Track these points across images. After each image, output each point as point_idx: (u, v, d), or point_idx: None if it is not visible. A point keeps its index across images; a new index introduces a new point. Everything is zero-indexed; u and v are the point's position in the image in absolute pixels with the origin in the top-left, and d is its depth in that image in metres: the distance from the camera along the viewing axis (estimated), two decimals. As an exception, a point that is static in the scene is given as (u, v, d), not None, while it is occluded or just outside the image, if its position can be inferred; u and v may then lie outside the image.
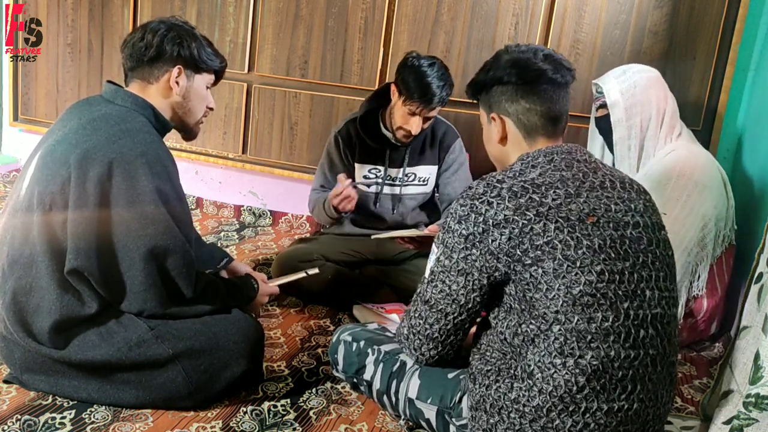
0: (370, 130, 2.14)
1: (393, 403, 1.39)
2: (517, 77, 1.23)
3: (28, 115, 3.33)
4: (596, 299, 1.08)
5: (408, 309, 1.32)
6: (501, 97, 1.26)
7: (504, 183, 1.16)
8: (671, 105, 2.01)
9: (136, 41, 1.45)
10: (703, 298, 1.91)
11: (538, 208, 1.11)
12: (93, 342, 1.35)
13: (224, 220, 3.05)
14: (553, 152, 1.21)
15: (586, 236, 1.10)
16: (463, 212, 1.16)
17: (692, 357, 1.96)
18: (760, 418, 1.17)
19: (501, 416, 1.14)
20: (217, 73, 1.56)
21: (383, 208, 2.24)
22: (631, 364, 1.09)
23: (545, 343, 1.10)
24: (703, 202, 1.86)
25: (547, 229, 1.10)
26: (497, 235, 1.12)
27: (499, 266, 1.13)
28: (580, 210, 1.12)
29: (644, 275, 1.13)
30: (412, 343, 1.30)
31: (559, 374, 1.08)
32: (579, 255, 1.09)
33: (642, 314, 1.11)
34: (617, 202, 1.16)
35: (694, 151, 1.96)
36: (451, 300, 1.20)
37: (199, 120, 1.57)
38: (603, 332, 1.08)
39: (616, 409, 1.09)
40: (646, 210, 1.19)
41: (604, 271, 1.09)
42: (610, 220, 1.13)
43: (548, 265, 1.09)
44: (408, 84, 1.93)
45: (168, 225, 1.37)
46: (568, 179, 1.16)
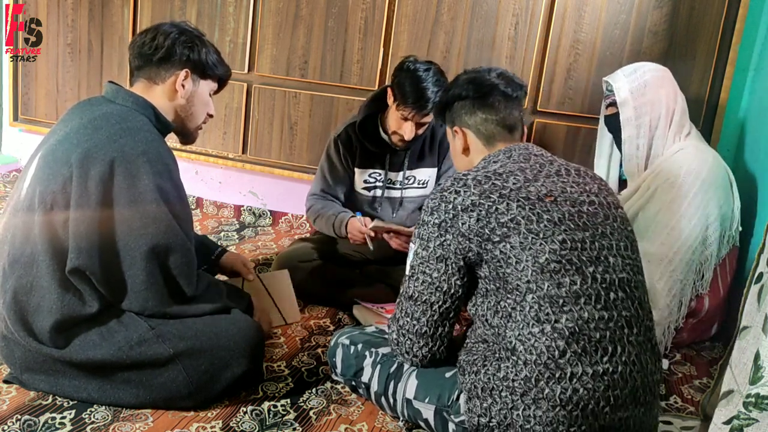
0: (370, 134, 2.13)
1: (391, 404, 1.40)
2: (473, 91, 1.40)
3: (28, 115, 3.33)
4: (562, 265, 1.17)
5: (393, 313, 1.36)
6: (461, 111, 1.42)
7: (468, 175, 1.28)
8: (681, 104, 2.01)
9: (146, 41, 1.47)
10: (704, 297, 1.91)
11: (500, 191, 1.23)
12: (94, 341, 1.35)
13: (224, 220, 3.05)
14: (511, 149, 1.35)
15: (545, 212, 1.21)
16: (434, 204, 1.28)
17: (692, 357, 1.96)
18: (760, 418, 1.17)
19: (493, 397, 1.18)
20: (221, 81, 1.59)
21: (383, 212, 2.24)
22: (606, 325, 1.16)
23: (521, 314, 1.17)
24: (709, 202, 1.86)
25: (510, 207, 1.20)
26: (466, 218, 1.22)
27: (472, 246, 1.23)
28: (538, 191, 1.23)
29: (605, 244, 1.22)
30: (403, 345, 1.33)
31: (539, 342, 1.14)
32: (541, 228, 1.19)
33: (609, 278, 1.19)
34: (572, 185, 1.27)
35: (703, 150, 1.96)
36: (434, 288, 1.27)
37: (199, 125, 1.58)
38: (573, 295, 1.16)
39: (601, 372, 1.14)
40: (600, 191, 1.29)
41: (566, 240, 1.19)
42: (567, 198, 1.24)
43: (515, 239, 1.18)
44: (403, 89, 1.92)
45: (169, 223, 1.37)
46: (526, 168, 1.29)
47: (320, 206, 2.18)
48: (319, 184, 2.23)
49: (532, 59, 2.56)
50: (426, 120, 1.98)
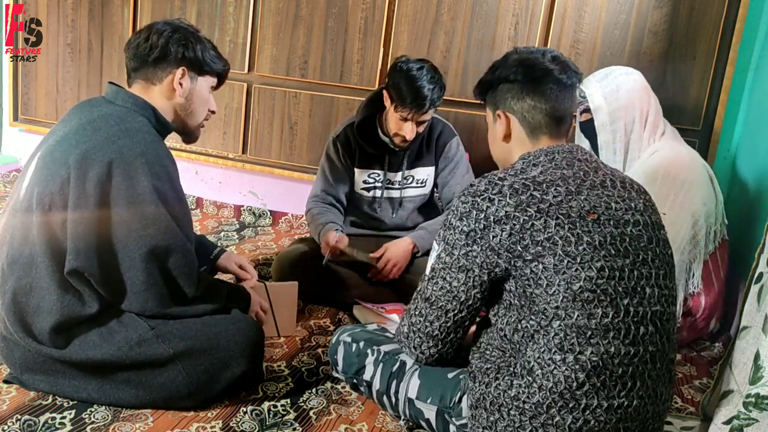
0: (368, 136, 2.14)
1: (393, 403, 1.39)
2: (523, 75, 1.25)
3: (28, 115, 3.33)
4: (596, 295, 1.09)
5: (408, 308, 1.33)
6: (507, 94, 1.28)
7: (505, 180, 1.17)
8: (654, 105, 2.01)
9: (141, 42, 1.45)
10: (700, 295, 1.91)
11: (539, 204, 1.12)
12: (94, 341, 1.35)
13: (224, 220, 3.05)
14: (555, 151, 1.22)
15: (586, 233, 1.11)
16: (464, 209, 1.17)
17: (692, 357, 1.96)
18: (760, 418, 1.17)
19: (501, 413, 1.14)
20: (220, 76, 1.57)
21: (383, 212, 2.24)
22: (630, 360, 1.10)
23: (545, 339, 1.10)
24: (691, 200, 1.86)
25: (548, 225, 1.11)
26: (498, 231, 1.13)
27: (500, 262, 1.14)
28: (581, 207, 1.13)
29: (644, 273, 1.13)
30: (412, 341, 1.31)
31: (558, 370, 1.08)
32: (579, 251, 1.10)
33: (642, 311, 1.12)
34: (617, 201, 1.17)
35: (678, 149, 1.96)
36: (451, 297, 1.20)
37: (201, 123, 1.57)
38: (603, 328, 1.09)
39: (616, 405, 1.09)
40: (645, 209, 1.20)
41: (605, 268, 1.10)
42: (611, 217, 1.14)
43: (548, 260, 1.10)
44: (399, 90, 1.93)
45: (169, 225, 1.37)
46: (569, 177, 1.17)
47: (316, 211, 2.18)
48: (320, 185, 2.22)
49: (532, 59, 2.56)
50: (425, 118, 1.99)
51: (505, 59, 1.31)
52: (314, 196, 2.23)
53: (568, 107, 1.27)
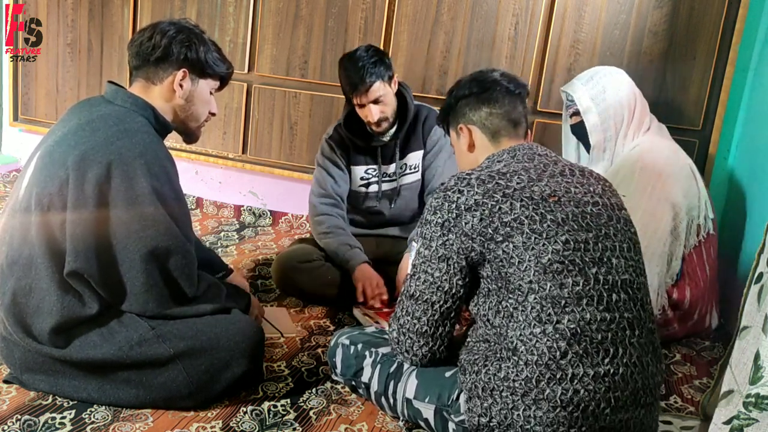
0: (356, 130, 2.17)
1: (391, 404, 1.40)
2: (477, 88, 1.41)
3: (28, 115, 3.33)
4: (565, 266, 1.17)
5: (395, 311, 1.36)
6: (465, 108, 1.43)
7: (472, 174, 1.28)
8: (639, 101, 2.04)
9: (144, 40, 1.45)
10: (685, 287, 1.91)
11: (504, 190, 1.22)
12: (94, 341, 1.35)
13: (224, 220, 3.05)
14: (516, 149, 1.34)
15: (549, 212, 1.20)
16: (437, 203, 1.27)
17: (692, 357, 1.96)
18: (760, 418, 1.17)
19: (494, 397, 1.18)
20: (222, 79, 1.56)
21: (382, 205, 2.25)
22: (608, 326, 1.16)
23: (523, 314, 1.16)
24: (669, 191, 1.88)
25: (514, 207, 1.20)
26: (470, 218, 1.22)
27: (475, 246, 1.22)
28: (542, 191, 1.23)
29: (608, 245, 1.22)
30: (403, 344, 1.33)
31: (540, 342, 1.14)
32: (544, 228, 1.18)
33: (611, 279, 1.19)
34: (576, 186, 1.27)
35: (658, 143, 1.99)
36: (435, 288, 1.27)
37: (201, 124, 1.56)
38: (575, 296, 1.16)
39: (602, 373, 1.14)
40: (604, 192, 1.29)
41: (569, 240, 1.18)
42: (571, 199, 1.24)
43: (517, 239, 1.18)
44: (343, 85, 2.04)
45: (168, 226, 1.37)
46: (530, 168, 1.28)
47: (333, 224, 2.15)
48: (325, 183, 2.19)
49: (532, 59, 2.56)
50: (376, 94, 2.01)
51: (458, 82, 1.47)
52: (322, 195, 2.19)
53: (521, 112, 1.41)
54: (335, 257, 2.11)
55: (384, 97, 2.04)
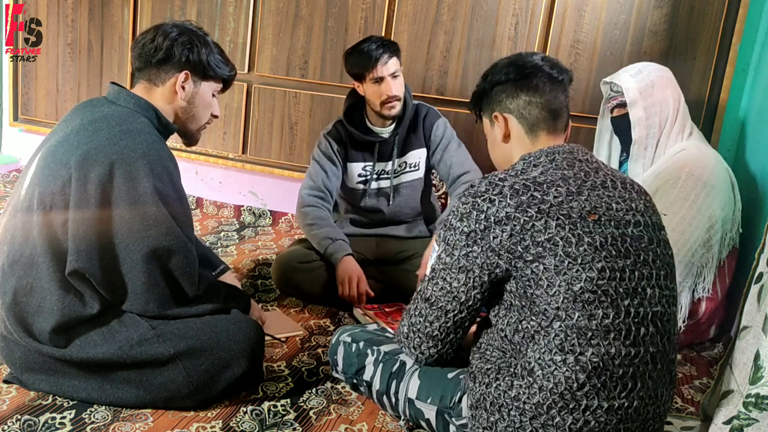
0: (357, 123, 2.18)
1: (393, 403, 1.39)
2: (515, 73, 1.28)
3: (28, 115, 3.33)
4: (597, 296, 1.09)
5: (408, 308, 1.33)
6: (501, 95, 1.30)
7: (506, 181, 1.17)
8: (682, 104, 2.01)
9: (146, 42, 1.45)
10: (702, 300, 1.90)
11: (539, 205, 1.12)
12: (95, 341, 1.35)
13: (224, 220, 3.05)
14: (555, 152, 1.22)
15: (587, 233, 1.11)
16: (465, 210, 1.18)
17: (692, 357, 1.96)
18: (760, 418, 1.17)
19: (501, 414, 1.14)
20: (225, 82, 1.56)
21: (380, 202, 2.25)
22: (631, 361, 1.10)
23: (545, 339, 1.10)
24: (710, 203, 1.85)
25: (549, 225, 1.11)
26: (499, 232, 1.13)
27: (500, 263, 1.14)
28: (582, 208, 1.13)
29: (645, 273, 1.13)
30: (412, 341, 1.31)
31: (559, 371, 1.09)
32: (580, 252, 1.10)
33: (642, 312, 1.12)
34: (618, 201, 1.17)
35: (705, 151, 1.95)
36: (451, 297, 1.21)
37: (202, 126, 1.56)
38: (603, 329, 1.09)
39: (616, 406, 1.09)
40: (646, 210, 1.20)
41: (605, 269, 1.10)
42: (611, 218, 1.14)
43: (549, 261, 1.10)
44: (357, 62, 2.04)
45: (170, 226, 1.37)
46: (570, 178, 1.17)
47: (317, 215, 2.15)
48: (314, 175, 2.19)
49: (532, 59, 2.56)
50: (393, 67, 2.04)
51: (494, 66, 1.34)
52: (310, 188, 2.19)
53: (562, 102, 1.29)
54: (319, 250, 2.11)
55: (399, 75, 2.07)
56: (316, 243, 2.12)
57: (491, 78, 1.32)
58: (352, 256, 2.06)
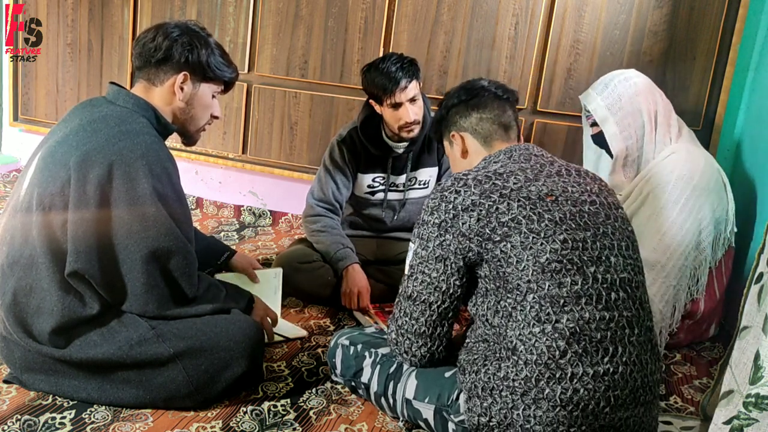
0: (372, 136, 2.13)
1: (391, 404, 1.40)
2: (465, 95, 1.45)
3: (28, 115, 3.33)
4: (563, 265, 1.17)
5: (392, 312, 1.36)
6: (456, 116, 1.45)
7: (469, 175, 1.29)
8: (662, 103, 1.97)
9: (147, 41, 1.44)
10: (700, 300, 1.90)
11: (501, 190, 1.23)
12: (94, 341, 1.35)
13: (224, 220, 3.05)
14: (512, 149, 1.35)
15: (546, 211, 1.21)
16: (434, 204, 1.28)
17: (692, 357, 1.96)
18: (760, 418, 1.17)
19: (493, 397, 1.18)
20: (226, 83, 1.55)
21: (386, 214, 2.25)
22: (607, 325, 1.16)
23: (522, 314, 1.17)
24: (701, 206, 1.85)
25: (511, 207, 1.21)
26: (467, 218, 1.23)
27: (472, 246, 1.22)
28: (539, 191, 1.24)
29: (606, 243, 1.22)
30: (402, 345, 1.33)
31: (539, 342, 1.14)
32: (542, 227, 1.19)
33: (610, 278, 1.19)
34: (573, 185, 1.28)
35: (694, 153, 1.94)
36: (432, 288, 1.27)
37: (201, 127, 1.56)
38: (574, 295, 1.16)
39: (601, 372, 1.14)
40: (601, 192, 1.30)
41: (567, 240, 1.19)
42: (568, 198, 1.24)
43: (515, 239, 1.19)
44: (377, 84, 1.97)
45: (169, 227, 1.36)
46: (527, 168, 1.29)
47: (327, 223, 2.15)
48: (327, 187, 2.18)
49: (532, 59, 2.56)
50: (413, 92, 1.99)
51: (446, 93, 1.51)
52: (321, 200, 2.18)
53: (510, 116, 1.43)
54: (326, 255, 2.10)
55: (418, 98, 2.02)
56: (323, 247, 2.12)
57: (445, 103, 1.48)
58: (359, 265, 2.06)
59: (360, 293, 2.00)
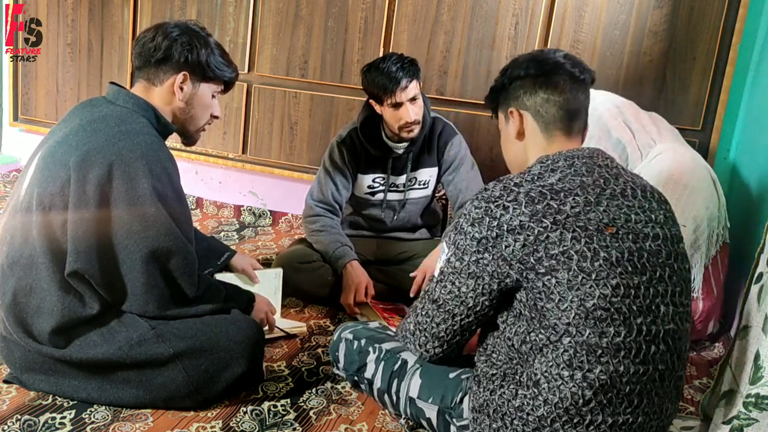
0: (372, 137, 2.13)
1: (394, 402, 1.39)
2: (535, 69, 1.23)
3: (28, 115, 3.33)
4: (610, 314, 1.06)
5: (415, 305, 1.32)
6: (519, 91, 1.25)
7: (521, 187, 1.13)
8: (627, 110, 1.95)
9: (147, 41, 1.44)
10: (698, 299, 1.90)
11: (555, 215, 1.08)
12: (94, 341, 1.35)
13: (224, 220, 3.05)
14: (574, 156, 1.17)
15: (603, 248, 1.07)
16: (477, 215, 1.14)
17: (692, 357, 1.96)
18: (760, 418, 1.17)
19: (504, 422, 1.13)
20: (226, 83, 1.55)
21: (386, 214, 2.25)
22: (639, 379, 1.08)
23: (554, 354, 1.08)
24: (693, 204, 1.86)
25: (564, 238, 1.07)
26: (511, 241, 1.10)
27: (511, 273, 1.11)
28: (599, 219, 1.09)
29: (660, 290, 1.10)
30: (417, 339, 1.30)
31: (565, 386, 1.07)
32: (595, 267, 1.06)
33: (655, 330, 1.09)
34: (638, 212, 1.13)
35: (681, 152, 1.95)
36: (459, 302, 1.18)
37: (201, 127, 1.55)
38: (614, 347, 1.06)
39: (620, 422, 1.08)
40: (666, 221, 1.16)
41: (620, 285, 1.06)
42: (630, 231, 1.10)
43: (562, 275, 1.06)
44: (377, 84, 1.97)
45: (169, 227, 1.36)
46: (589, 185, 1.13)
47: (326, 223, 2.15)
48: (327, 187, 2.17)
49: (532, 59, 2.56)
50: (414, 92, 1.98)
51: (514, 60, 1.29)
52: (320, 201, 2.19)
53: (581, 102, 1.24)
54: (325, 254, 2.10)
55: (418, 98, 2.02)
56: (321, 247, 2.12)
57: (511, 72, 1.27)
58: (357, 262, 2.06)
59: (359, 289, 2.00)
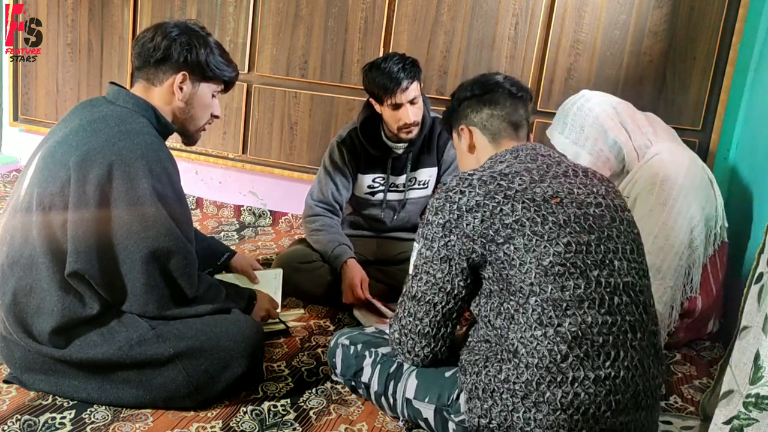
0: (371, 137, 2.13)
1: (391, 404, 1.40)
2: (479, 89, 1.42)
3: (28, 115, 3.33)
4: (566, 268, 1.16)
5: (396, 312, 1.36)
6: (467, 110, 1.43)
7: (474, 175, 1.27)
8: (623, 112, 1.94)
9: (146, 41, 1.44)
10: (697, 298, 1.90)
11: (505, 191, 1.22)
12: (94, 341, 1.35)
13: (224, 220, 3.05)
14: (518, 149, 1.34)
15: (551, 213, 1.19)
16: (438, 204, 1.27)
17: (692, 357, 1.96)
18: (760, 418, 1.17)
19: (494, 399, 1.18)
20: (226, 83, 1.55)
21: (386, 214, 2.25)
22: (609, 329, 1.16)
23: (524, 317, 1.16)
24: (690, 204, 1.85)
25: (515, 209, 1.20)
26: (471, 219, 1.22)
27: (476, 248, 1.22)
28: (544, 192, 1.22)
29: (610, 247, 1.21)
30: (405, 345, 1.33)
31: (541, 345, 1.14)
32: (546, 230, 1.18)
33: (613, 282, 1.18)
34: (579, 186, 1.26)
35: (677, 153, 1.94)
36: (437, 289, 1.26)
37: (201, 127, 1.55)
38: (577, 299, 1.15)
39: (603, 376, 1.14)
40: (608, 193, 1.28)
41: (571, 243, 1.17)
42: (573, 200, 1.23)
43: (519, 241, 1.18)
44: (377, 84, 1.96)
45: (169, 227, 1.36)
46: (533, 169, 1.27)
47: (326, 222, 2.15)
48: (327, 188, 2.17)
49: (532, 59, 2.56)
50: (414, 93, 1.98)
51: (460, 85, 1.48)
52: (320, 201, 2.19)
53: (522, 115, 1.41)
54: (324, 254, 2.10)
55: (418, 100, 2.01)
56: (320, 246, 2.12)
57: (458, 95, 1.46)
58: (354, 259, 2.06)
59: (354, 285, 1.99)
